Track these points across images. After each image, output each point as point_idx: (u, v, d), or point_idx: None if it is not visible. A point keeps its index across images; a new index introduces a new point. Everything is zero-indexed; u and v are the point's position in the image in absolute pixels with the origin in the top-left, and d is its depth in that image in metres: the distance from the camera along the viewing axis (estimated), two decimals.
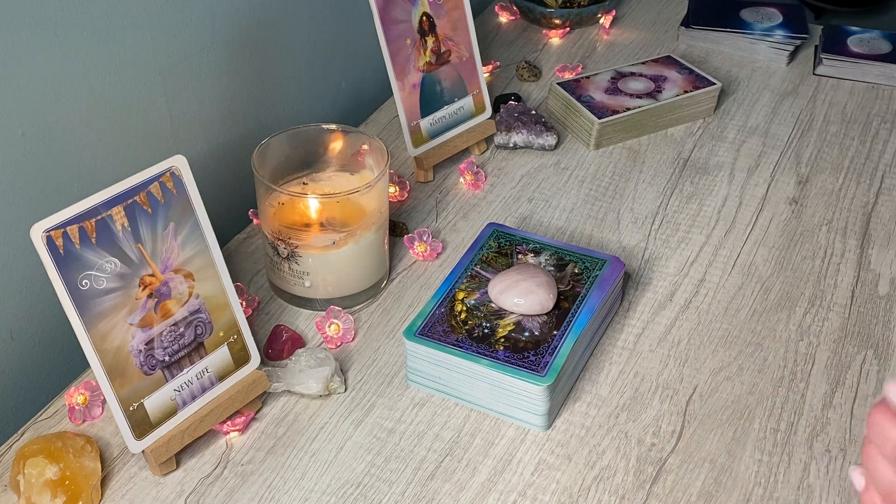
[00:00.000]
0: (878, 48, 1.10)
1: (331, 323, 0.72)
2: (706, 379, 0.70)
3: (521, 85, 1.07)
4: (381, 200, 0.74)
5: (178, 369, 0.62)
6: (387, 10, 0.83)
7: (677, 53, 1.11)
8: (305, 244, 0.72)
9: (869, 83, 1.08)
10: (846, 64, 1.08)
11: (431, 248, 0.81)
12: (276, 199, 0.73)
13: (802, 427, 0.67)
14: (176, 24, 0.79)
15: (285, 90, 0.96)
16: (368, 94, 1.09)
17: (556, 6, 1.17)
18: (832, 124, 1.01)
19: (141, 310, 0.59)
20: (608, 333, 0.74)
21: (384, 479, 0.63)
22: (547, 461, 0.64)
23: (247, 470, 0.63)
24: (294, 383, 0.67)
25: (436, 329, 0.67)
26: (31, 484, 0.59)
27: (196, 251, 0.62)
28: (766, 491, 0.62)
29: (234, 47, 0.86)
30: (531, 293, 0.68)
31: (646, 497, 0.62)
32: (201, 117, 0.85)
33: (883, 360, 0.72)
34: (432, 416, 0.67)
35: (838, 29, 1.14)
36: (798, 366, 0.71)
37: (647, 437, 0.66)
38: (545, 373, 0.64)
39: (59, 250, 0.55)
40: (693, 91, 0.99)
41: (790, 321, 0.75)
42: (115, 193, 0.57)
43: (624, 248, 0.83)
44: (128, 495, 0.62)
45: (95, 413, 0.66)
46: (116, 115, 0.75)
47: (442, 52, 0.89)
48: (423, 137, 0.89)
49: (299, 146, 0.77)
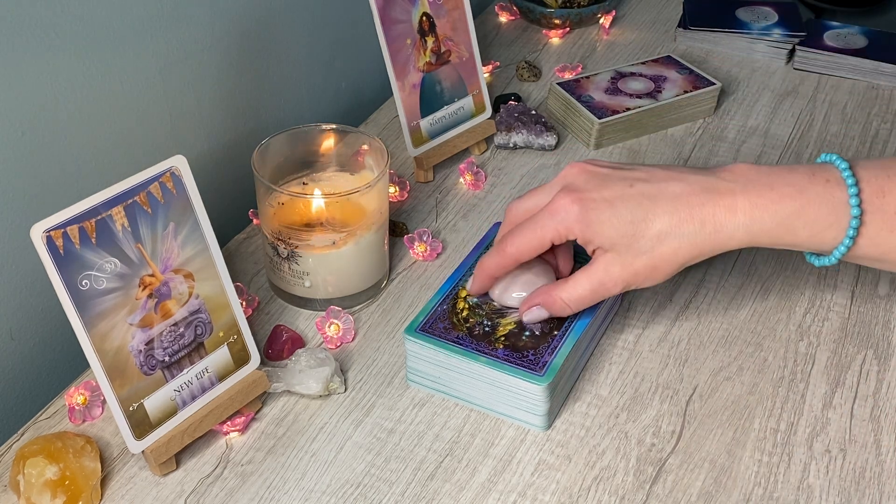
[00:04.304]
0: (854, 43, 1.10)
1: (331, 323, 0.72)
2: (706, 379, 0.70)
3: (521, 85, 1.07)
4: (381, 200, 0.74)
5: (178, 369, 0.62)
6: (387, 10, 0.83)
7: (677, 54, 1.12)
8: (305, 244, 0.72)
9: (844, 77, 1.09)
10: (819, 57, 1.09)
11: (431, 248, 0.81)
12: (276, 199, 0.73)
13: (802, 427, 0.67)
14: (176, 24, 0.79)
15: (285, 90, 0.96)
16: (368, 94, 1.09)
17: (556, 6, 1.17)
18: (832, 124, 1.01)
19: (141, 310, 0.59)
20: (608, 333, 0.74)
21: (384, 479, 0.63)
22: (547, 461, 0.64)
23: (247, 470, 0.63)
24: (294, 383, 0.67)
25: (437, 326, 0.67)
26: (31, 484, 0.59)
27: (196, 251, 0.62)
28: (766, 491, 0.62)
29: (235, 47, 0.86)
30: (532, 284, 0.68)
31: (646, 497, 0.62)
32: (201, 117, 0.85)
33: (883, 360, 0.72)
34: (432, 416, 0.67)
35: (819, 24, 1.15)
36: (798, 366, 0.71)
37: (647, 438, 0.66)
38: (544, 372, 0.64)
39: (59, 250, 0.55)
40: (693, 91, 0.99)
41: (790, 321, 0.75)
42: (115, 193, 0.57)
43: None
44: (128, 495, 0.62)
45: (95, 413, 0.66)
46: (116, 115, 0.75)
47: (442, 52, 0.89)
48: (423, 137, 0.89)
49: (299, 146, 0.77)
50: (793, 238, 0.64)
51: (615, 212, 0.63)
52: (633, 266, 0.64)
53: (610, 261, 0.64)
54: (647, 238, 0.63)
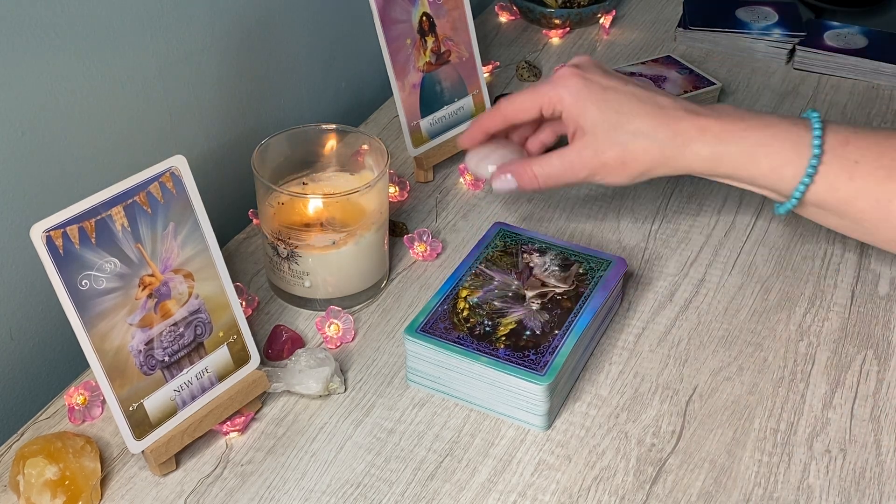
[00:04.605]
0: (854, 43, 1.10)
1: (331, 323, 0.72)
2: (706, 379, 0.70)
3: (521, 85, 1.07)
4: (381, 200, 0.74)
5: (178, 369, 0.62)
6: (387, 10, 0.83)
7: (677, 54, 1.12)
8: (305, 244, 0.72)
9: (844, 77, 1.09)
10: (819, 57, 1.09)
11: (431, 248, 0.81)
12: (276, 199, 0.73)
13: (802, 427, 0.67)
14: (176, 24, 0.79)
15: (285, 90, 0.96)
16: (368, 94, 1.09)
17: (556, 6, 1.17)
18: None
19: (141, 310, 0.59)
20: (608, 333, 0.74)
21: (384, 479, 0.63)
22: (547, 461, 0.64)
23: (247, 470, 0.63)
24: (294, 383, 0.67)
25: (437, 326, 0.67)
26: (31, 484, 0.59)
27: (196, 251, 0.62)
28: (766, 491, 0.62)
29: (234, 47, 0.86)
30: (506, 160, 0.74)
31: (646, 497, 0.62)
32: (201, 117, 0.85)
33: (883, 360, 0.72)
34: (432, 416, 0.67)
35: (819, 24, 1.15)
36: (798, 366, 0.71)
37: (647, 438, 0.66)
38: (545, 372, 0.64)
39: (59, 250, 0.55)
40: (693, 91, 0.99)
41: (790, 321, 0.75)
42: (115, 193, 0.57)
43: (624, 248, 0.83)
44: (128, 495, 0.62)
45: (95, 413, 0.66)
46: (116, 114, 0.75)
47: (442, 52, 0.89)
48: (423, 137, 0.89)
49: (299, 146, 0.77)
50: (755, 168, 0.68)
51: (606, 97, 0.69)
52: (604, 155, 0.70)
53: (585, 144, 0.70)
54: (625, 131, 0.69)
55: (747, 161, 0.68)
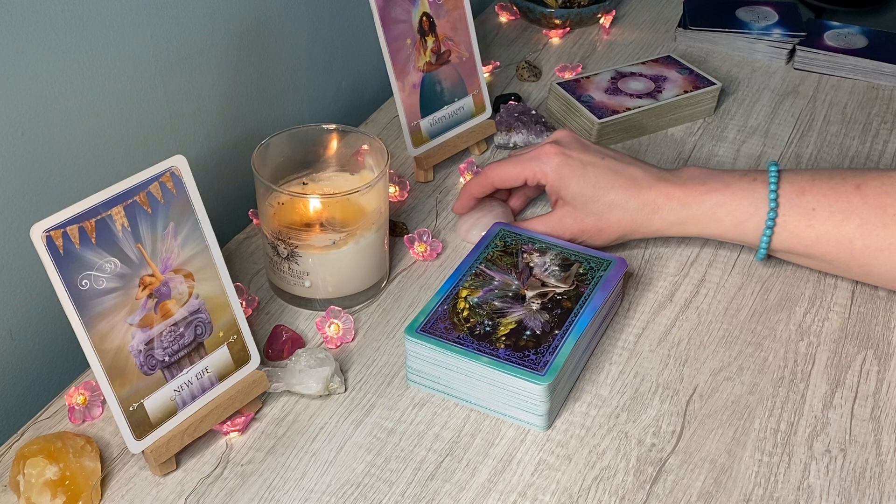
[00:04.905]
0: (854, 43, 1.10)
1: (331, 323, 0.72)
2: (706, 379, 0.70)
3: (521, 85, 1.07)
4: (381, 200, 0.74)
5: (178, 369, 0.62)
6: (387, 10, 0.83)
7: (677, 54, 1.12)
8: (305, 244, 0.72)
9: (844, 77, 1.09)
10: (819, 57, 1.09)
11: (431, 248, 0.81)
12: (276, 199, 0.73)
13: (802, 427, 0.67)
14: (176, 24, 0.79)
15: (285, 90, 0.96)
16: (368, 94, 1.09)
17: (556, 6, 1.17)
18: (832, 124, 1.01)
19: (141, 310, 0.59)
20: (608, 333, 0.74)
21: (384, 479, 0.63)
22: (547, 461, 0.64)
23: (247, 470, 0.63)
24: (294, 383, 0.67)
25: (437, 326, 0.67)
26: (31, 484, 0.59)
27: (196, 251, 0.62)
28: (766, 491, 0.62)
29: (234, 47, 0.86)
30: None
31: (646, 497, 0.62)
32: (201, 117, 0.85)
33: (883, 360, 0.72)
34: (432, 416, 0.67)
35: (819, 24, 1.15)
36: (798, 366, 0.71)
37: (647, 438, 0.66)
38: (545, 372, 0.64)
39: (59, 250, 0.55)
40: (693, 91, 0.99)
41: (790, 321, 0.75)
42: (115, 193, 0.57)
43: (624, 247, 0.82)
44: (128, 495, 0.62)
45: (95, 413, 0.66)
46: (116, 115, 0.75)
47: (442, 52, 0.89)
48: (423, 137, 0.89)
49: (299, 146, 0.77)
50: (718, 226, 0.75)
51: (585, 173, 0.76)
52: (583, 222, 0.77)
53: (566, 213, 0.77)
54: (601, 203, 0.76)
55: (710, 221, 0.75)
